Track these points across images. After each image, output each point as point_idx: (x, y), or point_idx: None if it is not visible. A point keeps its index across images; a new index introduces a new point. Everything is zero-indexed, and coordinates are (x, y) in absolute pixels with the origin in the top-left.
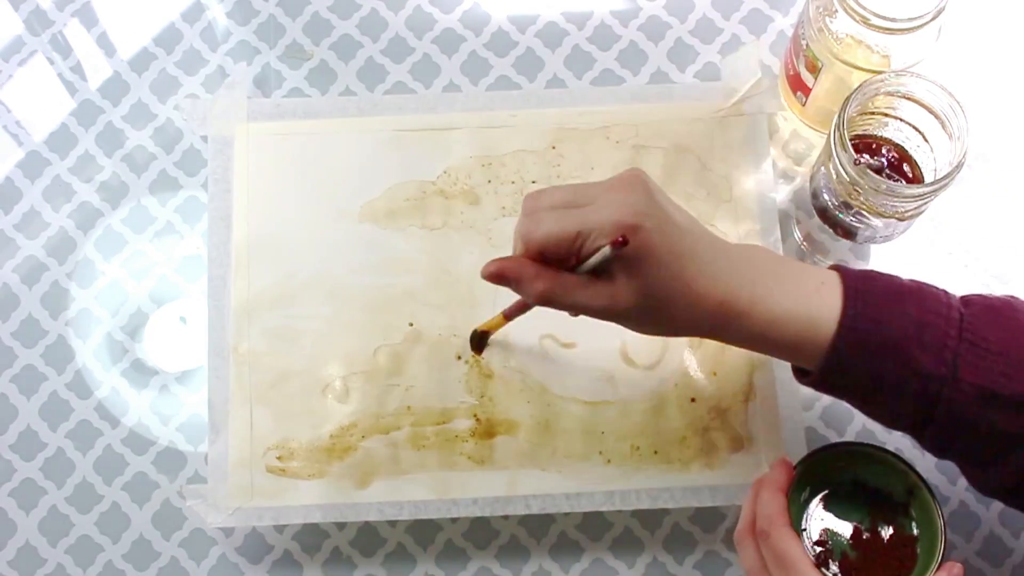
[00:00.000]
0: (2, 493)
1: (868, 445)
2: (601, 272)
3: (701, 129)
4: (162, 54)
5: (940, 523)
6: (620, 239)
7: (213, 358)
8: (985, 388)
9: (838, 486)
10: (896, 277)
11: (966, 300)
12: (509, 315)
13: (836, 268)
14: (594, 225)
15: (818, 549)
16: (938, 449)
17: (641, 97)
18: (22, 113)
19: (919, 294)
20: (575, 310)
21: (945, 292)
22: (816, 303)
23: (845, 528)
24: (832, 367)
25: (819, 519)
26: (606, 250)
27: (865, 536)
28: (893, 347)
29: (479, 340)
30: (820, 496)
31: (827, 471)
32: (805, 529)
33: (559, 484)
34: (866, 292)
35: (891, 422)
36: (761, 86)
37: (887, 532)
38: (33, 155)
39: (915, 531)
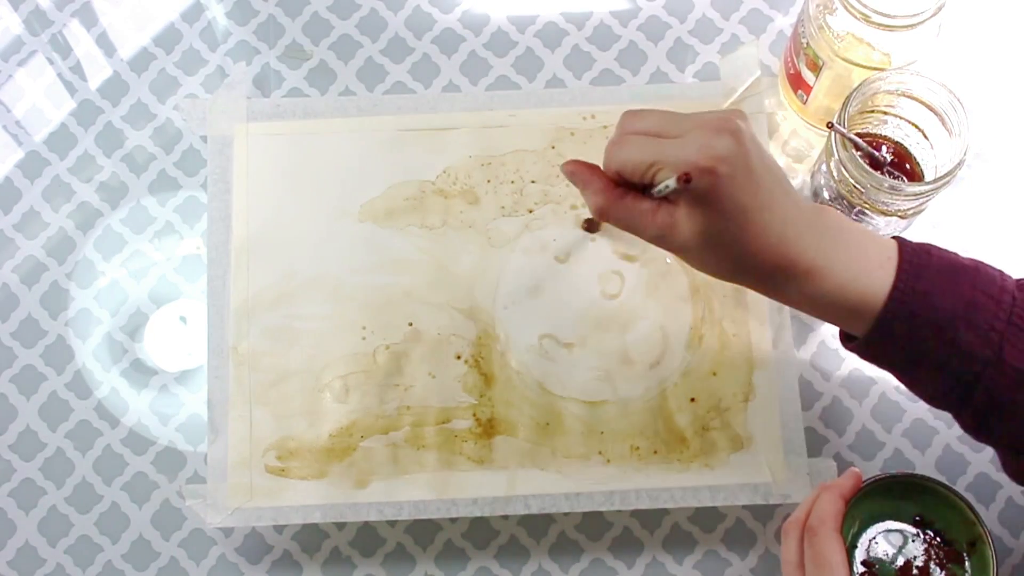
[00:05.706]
0: (2, 493)
1: (945, 485)
2: (667, 204)
3: None
4: (162, 54)
5: None
6: (685, 176)
7: (213, 358)
8: None
9: (901, 517)
10: (954, 254)
11: (1022, 284)
12: (588, 227)
13: (896, 239)
14: (670, 159)
15: (863, 570)
16: (974, 430)
17: (640, 97)
18: (22, 113)
19: (974, 273)
20: (631, 231)
21: (1001, 274)
22: (874, 275)
23: (896, 559)
24: (877, 338)
25: (873, 542)
26: (670, 182)
27: (914, 574)
28: (940, 324)
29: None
30: (881, 522)
31: (897, 498)
32: (856, 547)
33: (559, 484)
34: (920, 267)
35: (930, 398)
36: (760, 85)
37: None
38: (33, 155)
39: None
